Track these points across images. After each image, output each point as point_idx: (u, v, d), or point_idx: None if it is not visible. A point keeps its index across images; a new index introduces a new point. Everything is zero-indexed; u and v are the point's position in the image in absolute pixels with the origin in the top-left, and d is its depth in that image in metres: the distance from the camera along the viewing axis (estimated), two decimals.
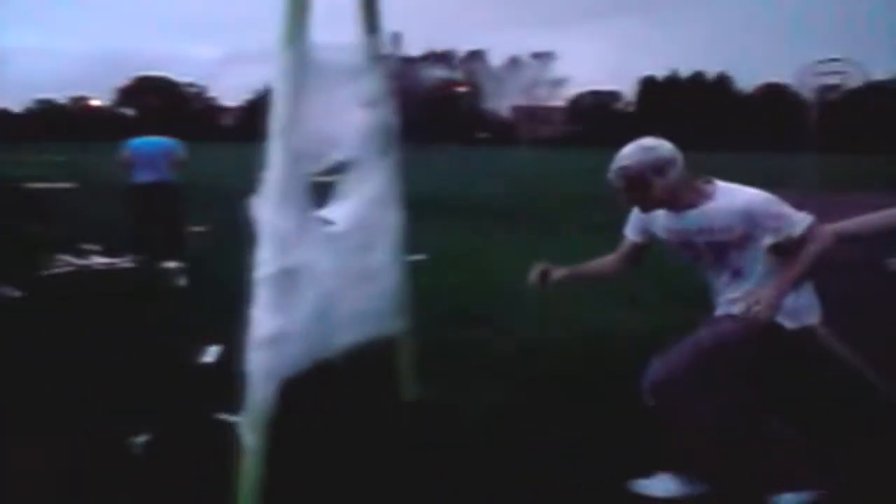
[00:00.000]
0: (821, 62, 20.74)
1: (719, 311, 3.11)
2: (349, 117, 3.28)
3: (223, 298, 6.48)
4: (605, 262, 3.45)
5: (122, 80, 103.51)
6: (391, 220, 3.73)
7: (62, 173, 23.41)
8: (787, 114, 63.12)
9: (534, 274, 3.32)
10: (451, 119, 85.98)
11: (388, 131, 3.61)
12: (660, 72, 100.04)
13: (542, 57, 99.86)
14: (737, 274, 3.02)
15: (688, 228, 3.03)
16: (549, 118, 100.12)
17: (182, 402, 4.18)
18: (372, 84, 3.39)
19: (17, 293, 6.83)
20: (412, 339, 4.10)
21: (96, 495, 3.22)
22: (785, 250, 2.89)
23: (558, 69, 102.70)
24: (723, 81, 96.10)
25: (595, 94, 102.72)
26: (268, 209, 2.78)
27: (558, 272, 3.34)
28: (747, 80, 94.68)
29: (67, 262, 8.71)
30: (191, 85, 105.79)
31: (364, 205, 3.54)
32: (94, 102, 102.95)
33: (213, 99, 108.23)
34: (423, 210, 3.77)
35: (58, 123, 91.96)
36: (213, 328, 5.44)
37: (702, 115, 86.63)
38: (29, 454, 3.52)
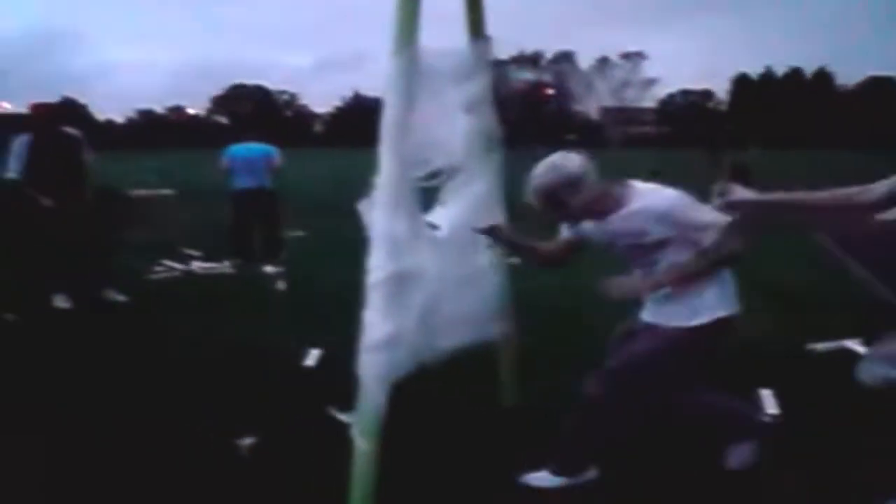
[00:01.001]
0: None
1: (642, 316, 3.21)
2: (456, 122, 3.22)
3: (320, 302, 6.56)
4: (545, 249, 3.49)
5: (217, 89, 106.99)
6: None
7: (162, 180, 24.18)
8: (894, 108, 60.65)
9: (484, 226, 3.39)
10: (540, 121, 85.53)
11: (492, 136, 3.54)
12: (754, 69, 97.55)
13: (632, 57, 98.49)
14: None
15: (607, 233, 3.11)
16: (639, 119, 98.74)
17: (283, 405, 4.18)
18: (478, 88, 3.32)
19: (121, 297, 7.01)
20: (513, 343, 4.01)
21: (205, 498, 3.23)
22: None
23: (649, 69, 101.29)
24: (822, 77, 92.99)
25: (686, 94, 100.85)
26: (380, 214, 2.74)
27: (507, 231, 3.45)
28: (849, 74, 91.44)
29: (169, 266, 8.94)
30: (283, 92, 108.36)
31: (467, 209, 3.47)
32: (191, 111, 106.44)
33: (304, 106, 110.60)
34: (514, 213, 3.72)
35: (157, 132, 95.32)
36: (312, 331, 5.48)
37: (800, 112, 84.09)
38: (132, 455, 3.56)
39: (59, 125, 6.99)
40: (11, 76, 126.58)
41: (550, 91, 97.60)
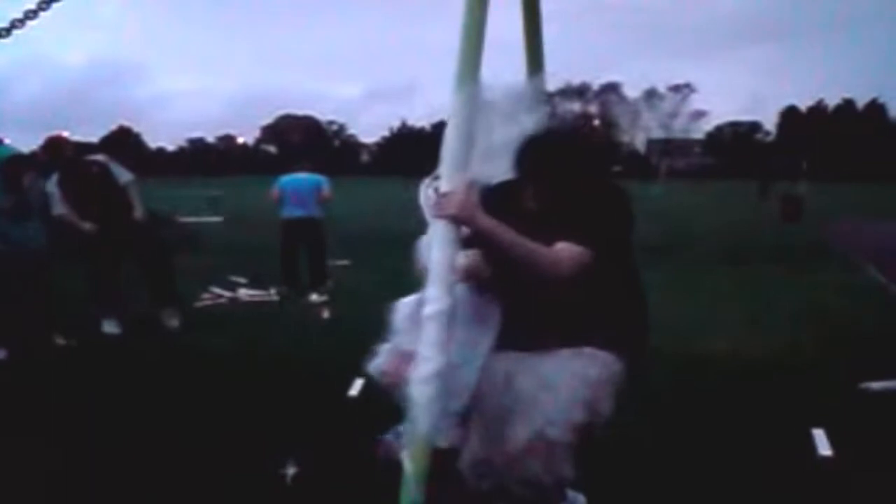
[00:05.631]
0: None
1: None
2: (510, 155, 3.22)
3: (364, 331, 6.56)
4: None
5: (266, 118, 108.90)
6: None
7: (210, 207, 24.57)
8: None
9: None
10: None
11: None
12: (804, 101, 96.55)
13: (680, 89, 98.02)
14: None
15: None
16: (687, 151, 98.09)
17: (328, 434, 4.18)
18: (535, 122, 3.33)
19: (175, 322, 7.09)
20: None
21: None
22: None
23: (696, 101, 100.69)
24: (874, 109, 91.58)
25: (735, 126, 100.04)
26: (437, 247, 2.74)
27: None
28: None
29: (216, 293, 9.04)
30: (331, 122, 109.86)
31: None
32: (240, 140, 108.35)
33: (352, 135, 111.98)
34: None
35: (206, 160, 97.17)
36: (356, 360, 5.47)
37: (851, 145, 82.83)
38: (176, 482, 3.58)
39: (72, 154, 7.07)
40: (74, 107, 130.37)
41: (596, 122, 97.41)
